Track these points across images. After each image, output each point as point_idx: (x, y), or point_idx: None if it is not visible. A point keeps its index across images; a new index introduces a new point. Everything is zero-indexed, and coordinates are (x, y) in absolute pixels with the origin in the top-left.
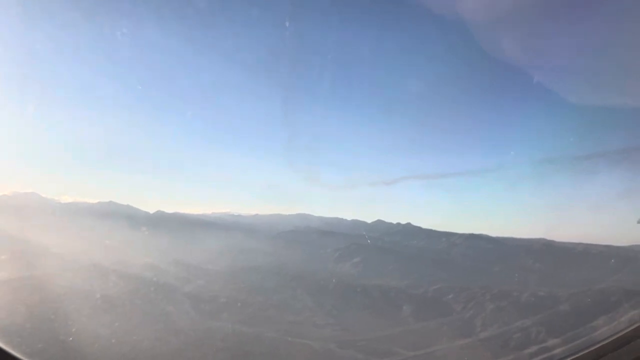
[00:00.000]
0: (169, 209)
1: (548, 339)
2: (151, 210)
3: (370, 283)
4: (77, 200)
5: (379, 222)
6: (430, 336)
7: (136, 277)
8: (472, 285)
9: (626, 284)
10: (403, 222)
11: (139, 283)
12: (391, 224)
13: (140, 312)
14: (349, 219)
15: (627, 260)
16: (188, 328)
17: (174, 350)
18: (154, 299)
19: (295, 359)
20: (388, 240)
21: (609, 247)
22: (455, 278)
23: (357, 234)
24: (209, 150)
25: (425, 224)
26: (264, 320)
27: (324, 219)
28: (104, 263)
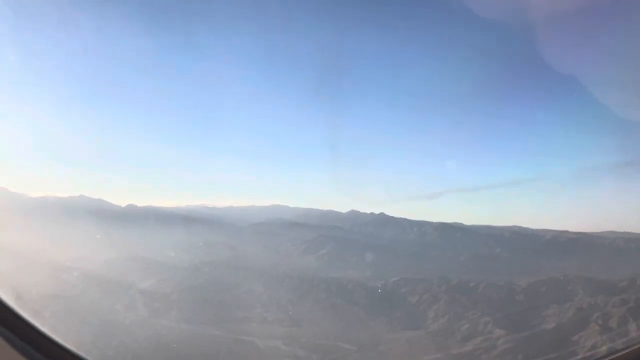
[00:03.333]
0: (142, 203)
1: (494, 330)
2: (123, 204)
3: (330, 276)
4: (47, 195)
5: (353, 213)
6: (379, 330)
7: (92, 275)
8: (431, 277)
9: (587, 271)
10: (377, 212)
11: (93, 281)
12: (365, 214)
13: (86, 312)
14: (324, 209)
15: (595, 247)
16: (132, 327)
17: (110, 351)
18: (104, 297)
19: (235, 357)
20: (359, 231)
21: (580, 235)
22: (418, 269)
23: (329, 225)
24: (185, 142)
25: (400, 214)
26: (213, 317)
27: (298, 210)
28: (62, 260)
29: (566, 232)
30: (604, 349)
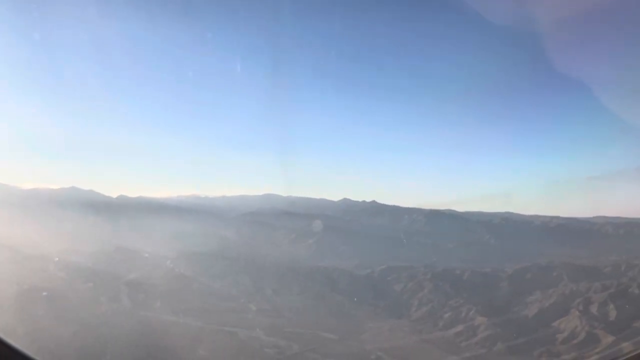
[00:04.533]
0: (134, 193)
1: (476, 317)
2: (115, 195)
3: (317, 265)
4: (38, 186)
5: (345, 201)
6: (362, 319)
7: (79, 267)
8: (417, 264)
9: (573, 257)
10: (368, 199)
11: (80, 273)
12: (357, 202)
13: (69, 305)
14: (316, 197)
15: (584, 232)
16: (115, 319)
17: (89, 344)
18: (89, 289)
19: (216, 348)
20: (350, 220)
21: (570, 220)
22: (406, 257)
23: (320, 214)
24: (176, 132)
25: (392, 201)
26: (197, 308)
27: (291, 199)
28: (49, 253)
29: (557, 217)
30: (608, 353)
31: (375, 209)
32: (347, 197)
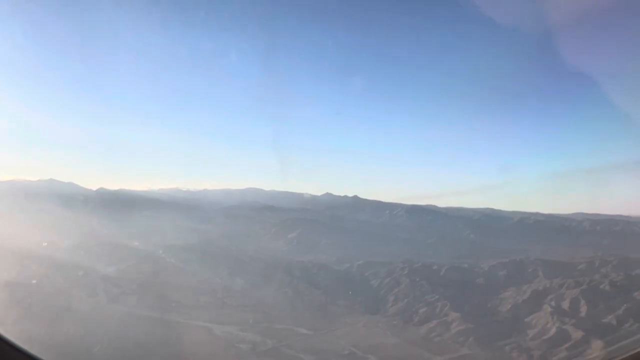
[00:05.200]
0: (114, 186)
1: (450, 313)
2: (94, 187)
3: (296, 260)
4: (16, 178)
5: (327, 195)
6: (338, 314)
7: (55, 261)
8: (396, 260)
9: (550, 253)
10: (350, 194)
11: (56, 267)
12: (339, 196)
13: (43, 299)
14: (299, 192)
15: (562, 229)
16: (90, 314)
17: (60, 340)
18: (64, 284)
19: (189, 343)
20: (331, 214)
21: (549, 216)
22: (385, 252)
23: (302, 209)
24: (160, 124)
25: (374, 196)
26: (173, 303)
27: (273, 193)
28: (26, 246)
29: (536, 214)
30: (603, 352)
31: (357, 204)
32: (330, 192)
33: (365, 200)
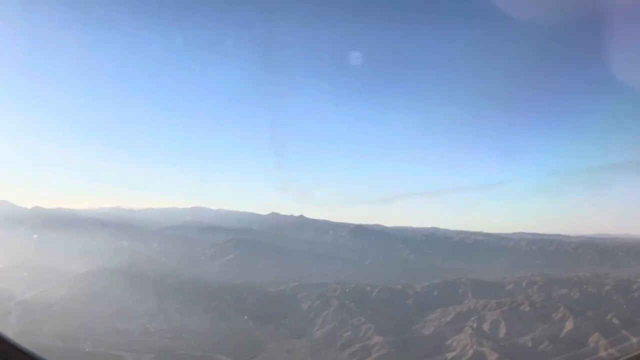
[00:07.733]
0: (51, 205)
1: (373, 337)
2: (29, 206)
3: (230, 283)
4: None
5: (273, 215)
6: (262, 339)
7: None
8: (330, 281)
9: (482, 273)
10: (296, 214)
11: None
12: (285, 216)
13: None
14: (246, 211)
15: (499, 248)
16: None
17: None
18: None
19: None
20: (275, 235)
21: (489, 236)
22: (322, 273)
23: (245, 229)
24: (102, 140)
25: (321, 215)
26: (89, 330)
27: (219, 212)
28: None
29: (477, 233)
30: (608, 353)
31: (303, 224)
32: (276, 212)
33: (312, 219)
